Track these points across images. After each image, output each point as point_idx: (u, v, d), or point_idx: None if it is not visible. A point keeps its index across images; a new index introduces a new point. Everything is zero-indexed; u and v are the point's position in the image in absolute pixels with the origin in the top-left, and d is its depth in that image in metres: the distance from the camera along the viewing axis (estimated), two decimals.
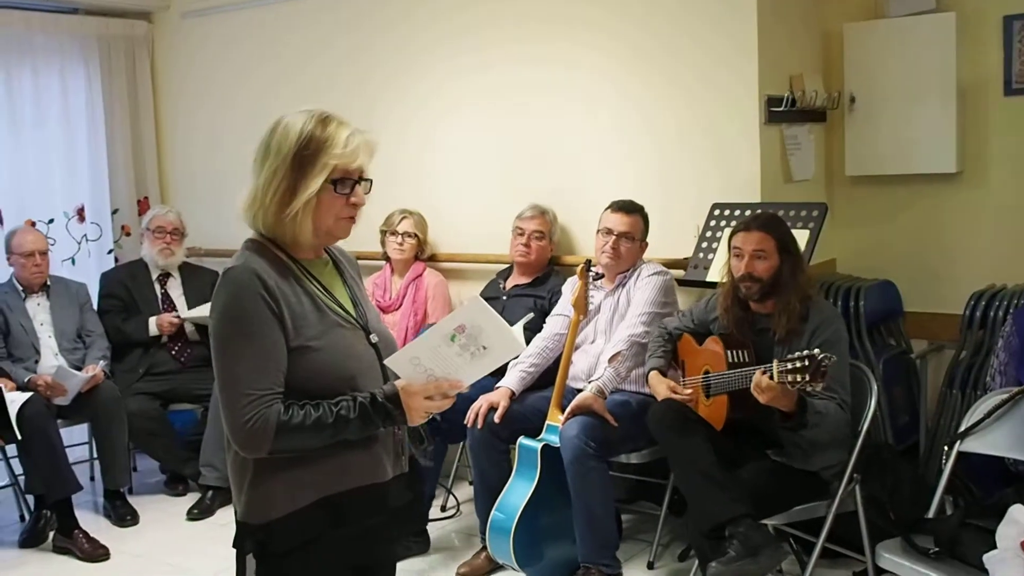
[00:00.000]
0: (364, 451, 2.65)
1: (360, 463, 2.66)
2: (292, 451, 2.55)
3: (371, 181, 2.70)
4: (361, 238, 4.16)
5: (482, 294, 5.52)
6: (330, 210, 2.63)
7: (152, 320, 6.36)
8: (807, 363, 3.68)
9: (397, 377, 2.66)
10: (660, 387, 4.52)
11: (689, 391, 4.45)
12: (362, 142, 2.64)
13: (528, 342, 5.08)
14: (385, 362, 2.67)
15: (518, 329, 2.68)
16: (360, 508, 2.66)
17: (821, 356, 3.66)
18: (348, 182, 2.63)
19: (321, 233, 2.66)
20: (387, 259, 6.10)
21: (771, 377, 3.80)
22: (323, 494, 2.61)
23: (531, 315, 5.11)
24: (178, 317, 6.39)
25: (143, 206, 7.52)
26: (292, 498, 2.59)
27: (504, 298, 5.56)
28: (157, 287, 6.57)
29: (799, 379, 3.70)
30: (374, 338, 2.73)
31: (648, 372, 4.64)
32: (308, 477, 2.60)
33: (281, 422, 2.50)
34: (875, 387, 4.34)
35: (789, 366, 3.72)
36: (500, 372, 5.04)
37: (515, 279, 5.69)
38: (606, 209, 5.10)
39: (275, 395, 2.52)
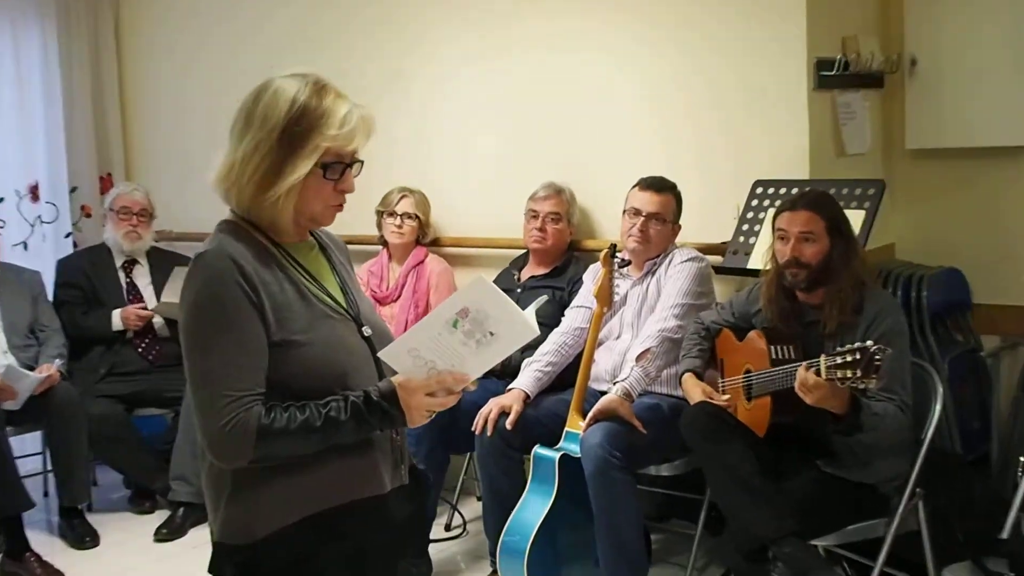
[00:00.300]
0: (359, 459, 2.65)
1: (354, 473, 2.65)
2: (276, 460, 2.54)
3: (362, 163, 2.70)
4: (354, 220, 4.16)
5: None
6: (317, 196, 2.63)
7: (116, 313, 6.35)
8: (858, 356, 3.66)
9: (394, 373, 2.65)
10: (694, 391, 4.51)
11: (727, 397, 4.44)
12: (360, 120, 2.63)
13: (544, 337, 5.08)
14: (379, 355, 2.66)
15: (530, 312, 2.64)
16: (355, 525, 2.65)
17: (874, 348, 3.64)
18: (339, 166, 2.63)
19: (303, 219, 2.67)
20: (384, 244, 6.09)
21: (817, 373, 3.78)
22: (313, 510, 2.60)
23: (545, 297, 5.11)
24: (146, 309, 6.38)
25: (106, 183, 7.54)
26: (277, 515, 2.58)
27: (519, 291, 5.54)
28: (122, 275, 6.58)
29: (849, 375, 3.67)
30: (367, 331, 2.74)
31: (682, 374, 4.64)
32: (295, 490, 2.59)
33: (263, 426, 2.49)
34: (940, 388, 4.34)
35: (838, 360, 3.70)
36: (512, 373, 5.06)
37: (531, 269, 5.68)
38: (634, 187, 5.08)
39: (255, 396, 2.51)
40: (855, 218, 4.56)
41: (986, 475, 5.13)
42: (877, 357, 3.62)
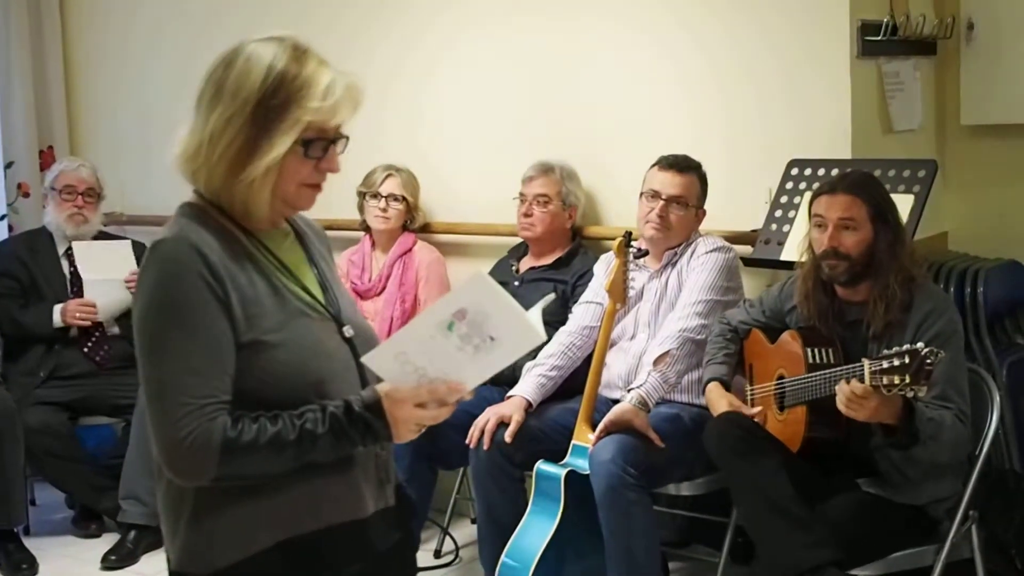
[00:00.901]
0: (338, 478, 2.64)
1: (333, 494, 2.64)
2: (243, 478, 2.54)
3: (347, 139, 2.69)
4: (333, 203, 4.15)
5: None
6: (294, 176, 2.62)
7: (57, 308, 6.32)
8: (907, 360, 3.65)
9: (378, 380, 2.64)
10: (720, 403, 4.52)
11: (757, 409, 4.45)
12: (345, 90, 2.62)
13: (549, 336, 5.06)
14: (362, 359, 2.64)
15: (535, 314, 2.62)
16: (333, 553, 2.65)
17: (925, 350, 3.64)
18: (322, 143, 2.62)
19: (277, 202, 2.65)
20: (366, 230, 6.10)
21: (860, 380, 3.78)
22: (285, 535, 2.59)
23: (552, 296, 5.12)
24: (89, 300, 6.35)
25: (47, 158, 7.52)
26: (244, 541, 2.58)
27: (517, 284, 5.55)
28: (65, 264, 6.55)
29: (896, 381, 3.67)
30: (348, 331, 2.73)
31: (706, 383, 4.65)
32: (264, 513, 2.58)
33: (228, 440, 2.48)
34: (997, 397, 4.34)
35: (884, 364, 3.69)
36: (510, 380, 5.07)
37: (532, 259, 5.69)
38: (652, 166, 5.08)
39: (220, 405, 2.50)
40: (903, 203, 4.57)
41: None
42: (928, 360, 3.62)
